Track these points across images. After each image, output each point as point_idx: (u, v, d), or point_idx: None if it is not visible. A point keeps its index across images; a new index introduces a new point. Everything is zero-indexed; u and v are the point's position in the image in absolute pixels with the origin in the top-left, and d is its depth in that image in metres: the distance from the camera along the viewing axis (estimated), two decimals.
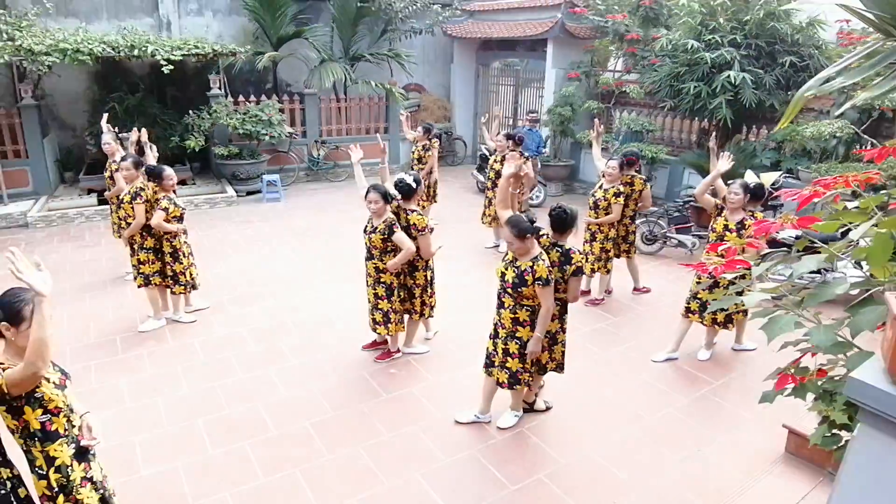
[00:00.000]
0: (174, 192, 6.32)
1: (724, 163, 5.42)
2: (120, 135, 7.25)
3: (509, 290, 4.29)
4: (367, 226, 5.38)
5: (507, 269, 4.30)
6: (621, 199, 6.60)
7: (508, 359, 4.44)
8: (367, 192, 5.24)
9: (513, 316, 4.35)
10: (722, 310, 5.43)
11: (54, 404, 2.73)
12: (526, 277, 4.14)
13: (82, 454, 2.91)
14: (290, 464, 4.34)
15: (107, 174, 7.33)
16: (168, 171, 6.16)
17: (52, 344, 2.54)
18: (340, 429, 4.75)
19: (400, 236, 5.20)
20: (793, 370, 2.16)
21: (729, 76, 8.52)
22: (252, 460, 4.37)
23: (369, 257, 5.39)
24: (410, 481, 4.18)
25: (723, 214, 5.45)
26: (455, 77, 15.32)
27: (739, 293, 2.33)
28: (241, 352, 5.93)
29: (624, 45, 11.39)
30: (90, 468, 2.95)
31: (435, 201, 9.59)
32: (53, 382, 2.75)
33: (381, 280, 5.40)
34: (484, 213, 8.79)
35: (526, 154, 10.35)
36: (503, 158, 8.34)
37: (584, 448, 4.56)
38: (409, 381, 5.45)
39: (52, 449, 2.76)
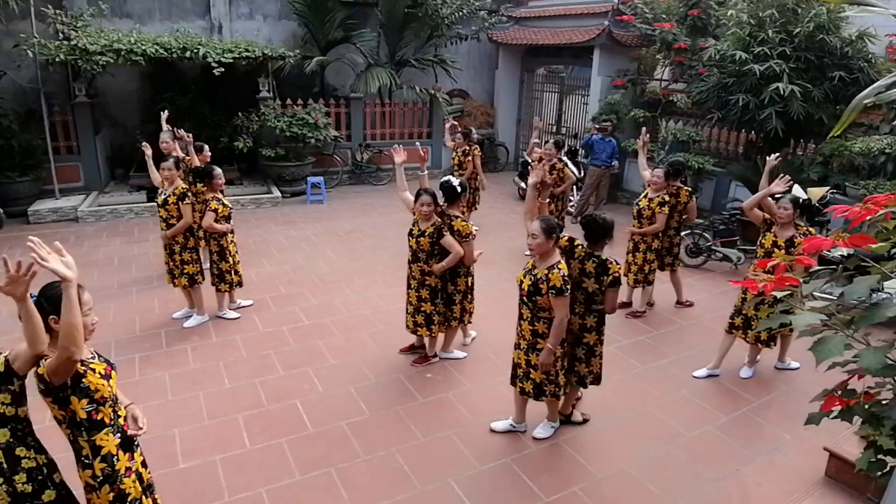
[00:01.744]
0: (221, 191, 6.48)
1: (778, 185, 5.25)
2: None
3: (525, 300, 4.28)
4: (413, 229, 5.40)
5: (524, 276, 4.27)
6: (666, 209, 6.50)
7: (532, 370, 4.42)
8: (419, 195, 5.25)
9: (531, 328, 4.33)
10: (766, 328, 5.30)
11: (100, 394, 2.79)
12: (540, 286, 4.11)
13: (127, 444, 2.98)
14: (326, 463, 4.39)
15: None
16: (218, 171, 6.32)
17: (81, 328, 2.57)
18: (376, 430, 4.79)
19: (449, 240, 5.23)
20: (839, 392, 2.10)
21: (777, 88, 8.34)
22: (288, 458, 4.44)
23: (415, 260, 5.41)
24: (443, 487, 4.19)
25: (772, 230, 5.33)
26: (499, 83, 15.33)
27: (787, 311, 2.28)
28: (281, 350, 6.04)
29: (671, 54, 11.26)
30: (133, 459, 3.02)
31: (476, 208, 9.60)
32: (99, 373, 2.81)
33: (426, 283, 5.43)
34: None
35: (598, 163, 10.33)
36: (552, 169, 8.30)
37: (620, 462, 4.50)
38: (446, 385, 5.47)
39: (97, 438, 2.83)
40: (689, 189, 7.01)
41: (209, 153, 7.62)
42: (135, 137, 12.09)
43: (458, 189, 5.38)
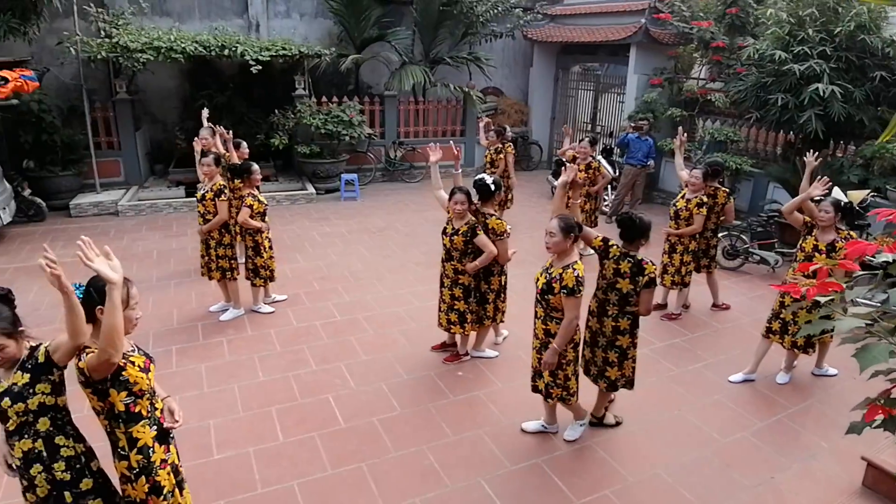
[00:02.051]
0: (257, 188, 6.57)
1: (818, 188, 5.12)
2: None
3: (538, 297, 4.28)
4: (446, 227, 5.41)
5: (541, 275, 4.28)
6: (704, 211, 6.40)
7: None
8: (453, 194, 5.26)
9: (544, 327, 4.33)
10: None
11: (138, 387, 2.84)
12: (553, 285, 4.11)
13: (163, 437, 3.03)
14: (357, 458, 4.43)
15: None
16: (255, 167, 6.42)
17: (121, 330, 2.63)
18: (407, 427, 4.82)
19: (483, 239, 5.22)
20: (882, 401, 2.05)
21: (817, 88, 8.15)
22: (320, 452, 4.49)
23: (448, 258, 5.42)
24: (474, 486, 4.20)
25: (812, 234, 5.21)
26: (534, 81, 15.24)
27: (827, 317, 2.23)
28: (314, 344, 6.11)
29: (709, 52, 11.10)
30: (169, 451, 3.08)
31: (508, 206, 9.56)
32: (139, 366, 2.86)
33: (459, 281, 5.43)
34: None
35: (633, 163, 10.21)
36: (587, 167, 8.24)
37: (653, 467, 4.45)
38: (477, 384, 5.47)
39: (135, 430, 2.88)
40: (728, 190, 6.89)
41: (246, 150, 7.74)
42: (174, 134, 12.37)
43: (492, 187, 5.36)
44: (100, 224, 9.91)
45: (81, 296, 2.75)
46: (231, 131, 7.47)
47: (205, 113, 8.05)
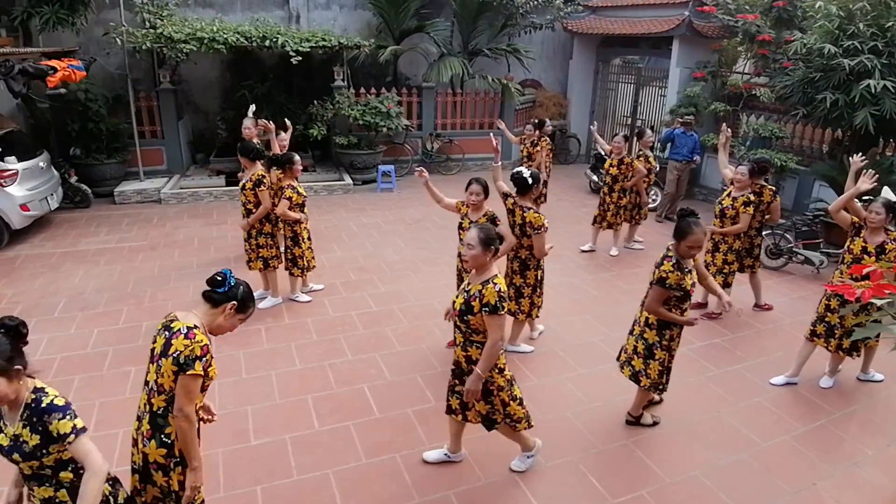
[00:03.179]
0: (296, 178, 6.62)
1: (865, 182, 4.95)
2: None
3: (457, 321, 3.77)
4: (462, 222, 5.41)
5: (458, 296, 3.78)
6: (751, 209, 6.25)
7: (475, 400, 3.89)
8: (469, 185, 5.26)
9: (465, 354, 3.80)
10: (849, 336, 5.04)
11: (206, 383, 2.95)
12: (472, 303, 3.58)
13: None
14: (391, 448, 4.46)
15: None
16: (297, 158, 6.46)
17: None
18: (441, 419, 4.79)
19: (505, 227, 5.14)
20: None
21: (869, 85, 7.85)
22: (355, 441, 4.53)
23: None
24: (508, 481, 4.19)
25: (861, 235, 5.04)
26: (573, 74, 15.06)
27: (876, 321, 2.16)
28: (350, 334, 6.15)
29: (754, 46, 10.84)
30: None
31: (544, 200, 9.46)
32: (210, 376, 2.90)
33: None
34: (597, 217, 8.64)
35: (679, 158, 10.03)
36: (620, 162, 8.15)
37: (691, 468, 4.38)
38: None
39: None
40: (773, 188, 6.71)
41: (285, 139, 7.82)
42: (215, 123, 12.56)
43: (530, 180, 5.29)
44: (143, 211, 10.12)
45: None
46: (272, 124, 7.50)
47: (252, 108, 8.10)
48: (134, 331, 6.09)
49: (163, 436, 2.85)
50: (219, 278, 2.97)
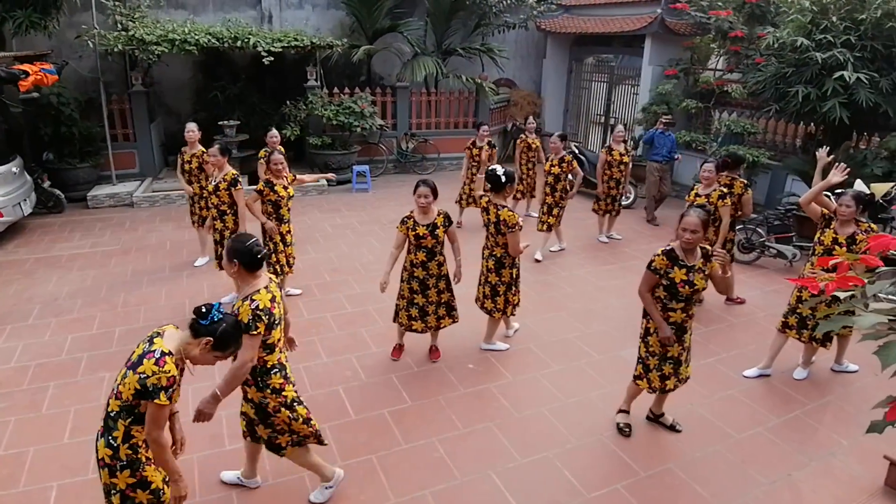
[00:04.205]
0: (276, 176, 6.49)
1: (836, 175, 4.99)
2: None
3: None
4: (419, 229, 5.11)
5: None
6: (728, 200, 6.33)
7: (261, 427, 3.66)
8: (417, 187, 5.15)
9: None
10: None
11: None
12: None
13: None
14: (367, 449, 4.41)
15: (191, 163, 7.60)
16: (275, 156, 6.35)
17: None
18: (417, 419, 4.79)
19: (453, 231, 5.26)
20: None
21: (842, 76, 7.96)
22: (331, 443, 4.45)
23: (431, 257, 5.22)
24: (484, 478, 4.16)
25: (831, 227, 5.10)
26: (547, 72, 15.12)
27: (848, 312, 2.17)
28: (324, 336, 6.09)
29: (727, 42, 10.91)
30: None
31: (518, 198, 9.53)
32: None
33: (444, 274, 5.37)
34: (539, 219, 8.42)
35: (658, 159, 10.01)
36: (560, 161, 8.07)
37: (666, 461, 4.39)
38: (487, 377, 5.43)
39: (134, 429, 2.88)
40: (745, 181, 6.76)
41: (275, 137, 8.19)
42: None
43: (503, 178, 5.28)
44: (116, 215, 9.96)
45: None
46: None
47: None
48: (107, 336, 5.98)
49: (110, 437, 2.84)
50: (203, 310, 2.88)
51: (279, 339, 3.54)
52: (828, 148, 5.53)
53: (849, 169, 5.09)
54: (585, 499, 4.00)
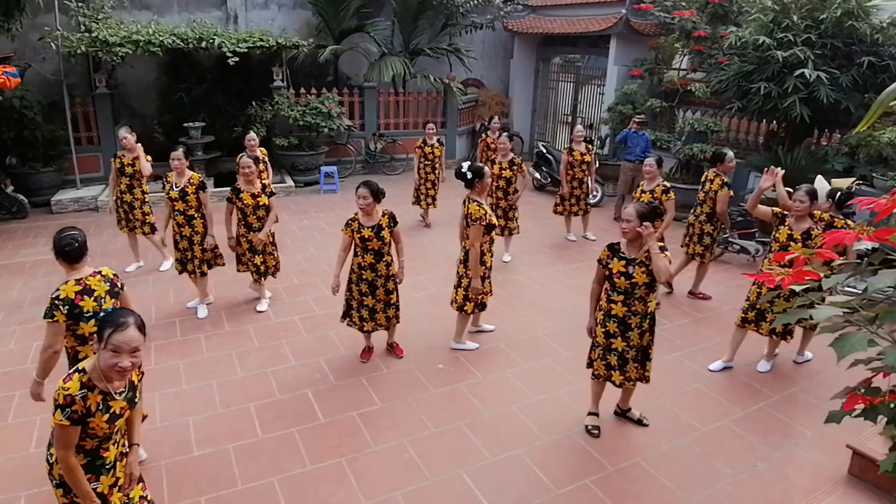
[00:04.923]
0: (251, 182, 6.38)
1: (766, 180, 5.25)
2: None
3: None
4: (364, 232, 5.16)
5: None
6: (672, 194, 6.58)
7: None
8: (358, 188, 5.13)
9: None
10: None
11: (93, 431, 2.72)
12: None
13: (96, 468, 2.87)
14: (337, 453, 4.38)
15: (127, 168, 7.41)
16: (243, 159, 6.23)
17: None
18: (387, 421, 4.78)
19: (398, 231, 5.34)
20: (863, 390, 2.03)
21: (803, 73, 8.15)
22: (300, 447, 4.44)
23: (379, 259, 5.24)
24: (454, 478, 4.17)
25: (786, 223, 5.21)
26: (514, 72, 15.20)
27: (808, 305, 2.21)
28: (293, 339, 6.04)
29: (690, 42, 11.07)
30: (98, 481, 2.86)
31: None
32: (114, 411, 2.75)
33: (392, 273, 5.40)
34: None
35: (632, 158, 10.03)
36: (510, 164, 7.99)
37: (633, 456, 4.45)
38: (457, 376, 5.44)
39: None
40: (724, 179, 6.73)
41: (253, 139, 8.11)
42: (152, 127, 12.16)
43: (469, 174, 5.38)
44: (80, 220, 9.73)
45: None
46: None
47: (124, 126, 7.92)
48: None
49: (48, 453, 2.83)
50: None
51: (90, 334, 3.53)
52: (780, 170, 5.55)
53: (782, 171, 5.26)
54: (555, 495, 4.03)
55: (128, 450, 3.00)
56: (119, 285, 3.73)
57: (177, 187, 6.21)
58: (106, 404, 2.67)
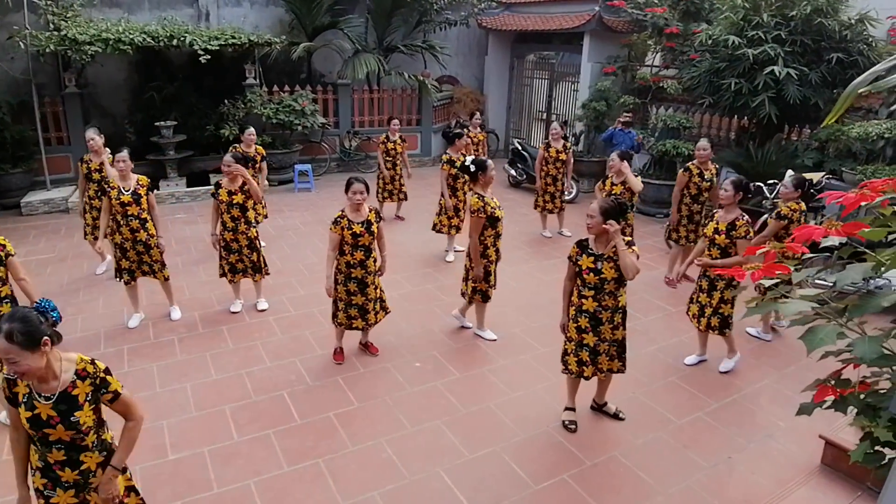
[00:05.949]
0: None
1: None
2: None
3: None
4: (354, 228, 5.09)
5: None
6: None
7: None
8: (351, 184, 5.10)
9: None
10: (717, 314, 5.28)
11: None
12: None
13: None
14: (314, 454, 4.35)
15: (94, 174, 7.34)
16: (225, 157, 6.25)
17: None
18: (364, 421, 4.75)
19: (382, 229, 5.36)
20: (833, 382, 2.06)
21: (773, 71, 8.27)
22: (276, 449, 4.39)
23: (367, 255, 5.20)
24: (432, 476, 4.16)
25: (714, 217, 5.27)
26: (489, 69, 15.20)
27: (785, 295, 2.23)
28: (268, 340, 5.98)
29: (663, 39, 11.17)
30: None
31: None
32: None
33: (378, 268, 5.44)
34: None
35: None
36: (476, 145, 8.22)
37: (610, 450, 4.48)
38: (434, 375, 5.43)
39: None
40: (714, 170, 7.04)
41: (251, 135, 8.24)
42: (123, 127, 11.94)
43: (472, 167, 5.57)
44: (50, 222, 9.57)
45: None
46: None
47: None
48: None
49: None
50: None
51: None
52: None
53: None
54: (533, 491, 4.05)
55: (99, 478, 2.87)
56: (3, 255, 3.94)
57: (126, 191, 5.90)
58: (31, 402, 2.63)
